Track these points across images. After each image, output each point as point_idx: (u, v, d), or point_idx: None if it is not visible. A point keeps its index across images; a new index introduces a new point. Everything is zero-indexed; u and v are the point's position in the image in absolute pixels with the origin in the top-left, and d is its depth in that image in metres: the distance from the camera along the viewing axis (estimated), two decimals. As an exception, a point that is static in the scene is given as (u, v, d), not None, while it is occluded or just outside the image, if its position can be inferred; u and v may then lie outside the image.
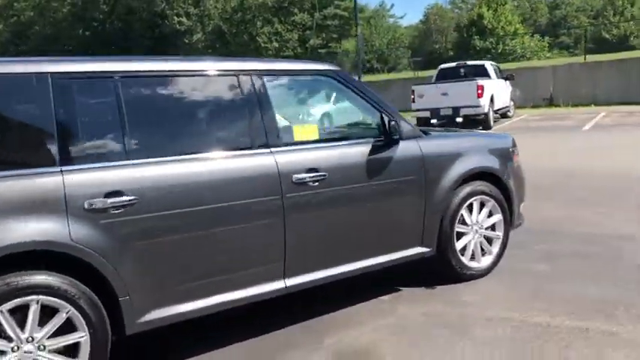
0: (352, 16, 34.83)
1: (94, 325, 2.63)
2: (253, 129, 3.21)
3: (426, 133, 4.15)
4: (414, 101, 15.74)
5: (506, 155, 4.40)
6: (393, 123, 3.59)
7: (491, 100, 15.52)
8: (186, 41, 51.39)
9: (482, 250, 4.26)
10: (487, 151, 4.28)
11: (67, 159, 2.62)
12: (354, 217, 3.53)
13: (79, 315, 2.59)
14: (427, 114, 15.45)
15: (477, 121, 15.38)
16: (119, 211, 2.69)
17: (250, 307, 3.38)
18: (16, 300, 2.45)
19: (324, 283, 3.48)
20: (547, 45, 44.74)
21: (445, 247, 4.00)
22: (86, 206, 2.61)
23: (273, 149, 3.22)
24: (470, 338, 3.25)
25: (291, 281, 3.31)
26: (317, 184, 3.32)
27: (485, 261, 4.26)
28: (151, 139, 2.93)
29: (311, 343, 3.31)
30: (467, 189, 4.07)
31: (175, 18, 49.95)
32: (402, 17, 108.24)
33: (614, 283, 3.95)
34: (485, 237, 4.28)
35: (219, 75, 3.23)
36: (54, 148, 2.60)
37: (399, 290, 4.06)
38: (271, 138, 3.24)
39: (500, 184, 4.28)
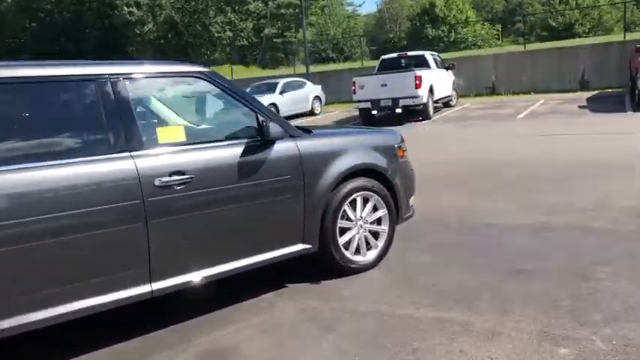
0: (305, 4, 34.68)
1: None
2: (112, 134, 3.21)
3: (309, 132, 4.23)
4: (354, 92, 15.86)
5: (390, 151, 4.52)
6: (266, 124, 3.64)
7: (431, 90, 15.76)
8: (138, 32, 50.40)
9: (367, 244, 4.38)
10: (370, 148, 4.38)
11: None
12: (226, 218, 3.58)
13: None
14: (368, 105, 15.61)
15: (416, 112, 15.62)
16: None
17: (124, 312, 3.40)
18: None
19: (197, 284, 3.53)
20: (497, 33, 45.47)
21: (327, 243, 4.10)
22: None
23: (133, 153, 3.23)
24: (336, 334, 3.36)
25: (158, 285, 3.34)
26: (183, 187, 3.35)
27: (371, 255, 4.39)
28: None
29: (180, 343, 3.36)
30: (349, 186, 4.17)
31: (125, 8, 48.85)
32: (360, 5, 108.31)
33: (486, 273, 4.12)
34: (370, 231, 4.40)
35: (76, 80, 3.21)
36: None
37: (285, 287, 4.15)
38: (132, 142, 3.25)
39: (384, 180, 4.40)
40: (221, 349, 3.28)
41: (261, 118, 3.69)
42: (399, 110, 15.20)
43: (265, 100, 18.30)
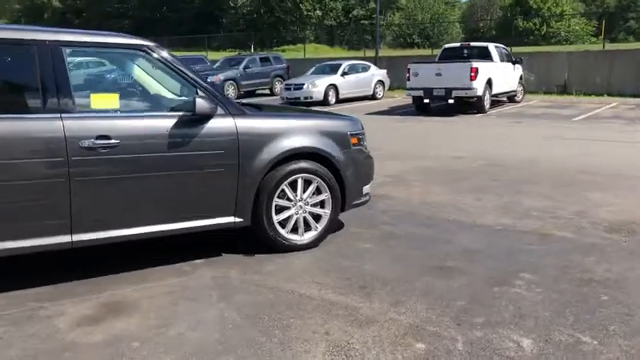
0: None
1: None
2: (46, 95, 3.55)
3: (259, 109, 4.40)
4: (409, 79, 15.69)
5: (341, 138, 4.61)
6: (195, 99, 3.85)
7: (489, 83, 15.31)
8: (232, 4, 51.72)
9: (308, 225, 4.53)
10: (317, 133, 4.50)
11: None
12: (150, 184, 3.84)
13: None
14: (420, 93, 15.41)
15: (470, 104, 15.27)
16: None
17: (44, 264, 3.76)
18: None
19: (117, 241, 3.84)
20: (594, 28, 42.82)
21: (261, 219, 4.29)
22: None
23: (63, 115, 3.56)
24: (228, 302, 3.57)
25: (78, 237, 3.68)
26: (107, 150, 3.65)
27: (308, 235, 4.53)
28: None
29: (89, 293, 3.68)
30: (289, 167, 4.32)
31: (221, -20, 50.26)
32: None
33: (411, 266, 4.16)
34: (312, 214, 4.53)
35: (20, 44, 3.57)
36: None
37: (220, 255, 4.39)
38: (64, 104, 3.57)
39: (330, 165, 4.51)
40: (121, 302, 3.57)
41: (196, 95, 3.91)
42: (451, 101, 14.92)
43: (326, 81, 18.52)
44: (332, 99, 18.57)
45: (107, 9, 62.26)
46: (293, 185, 4.40)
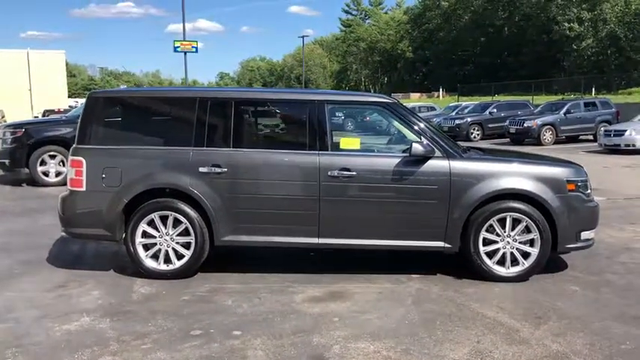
0: None
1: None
2: (310, 139, 5.05)
3: (483, 152, 5.19)
4: None
5: (555, 183, 4.98)
6: (412, 144, 4.89)
7: None
8: (575, 47, 49.76)
9: (515, 260, 5.03)
10: (529, 176, 4.99)
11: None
12: (376, 206, 5.00)
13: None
14: None
15: None
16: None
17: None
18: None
19: (350, 248, 5.11)
20: None
21: (468, 247, 5.01)
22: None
23: (320, 152, 4.99)
24: (417, 306, 4.45)
25: (323, 240, 5.06)
26: (347, 179, 4.96)
27: (515, 269, 5.03)
28: None
29: (326, 283, 5.01)
30: (499, 205, 4.96)
31: (566, 24, 48.86)
32: None
33: (599, 307, 4.30)
34: (520, 250, 5.01)
35: (300, 102, 5.21)
36: None
37: (434, 275, 5.24)
38: (321, 145, 5.01)
39: (541, 207, 4.95)
40: (342, 292, 4.79)
41: (415, 140, 4.94)
42: None
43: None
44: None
45: (452, 57, 66.53)
46: (502, 222, 4.98)
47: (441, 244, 5.04)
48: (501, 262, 5.05)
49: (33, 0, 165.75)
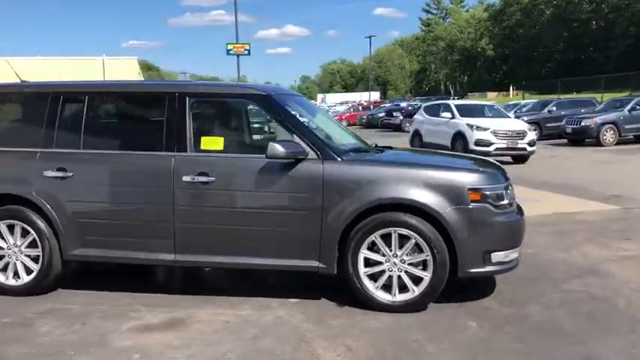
0: None
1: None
2: (167, 138, 4.30)
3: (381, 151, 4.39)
4: None
5: (454, 192, 3.95)
6: (271, 144, 4.03)
7: None
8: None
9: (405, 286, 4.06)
10: (421, 184, 3.98)
11: None
12: (236, 215, 4.20)
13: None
14: None
15: None
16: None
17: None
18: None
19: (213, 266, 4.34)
20: None
21: (346, 268, 4.09)
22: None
23: (175, 154, 4.27)
24: (254, 341, 3.63)
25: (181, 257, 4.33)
26: (205, 185, 4.20)
27: (402, 297, 4.04)
28: None
29: (168, 308, 4.27)
30: (379, 217, 4.02)
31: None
32: None
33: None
34: (409, 273, 4.04)
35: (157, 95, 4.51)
36: None
37: (319, 299, 4.36)
38: (178, 146, 4.28)
39: (436, 222, 3.96)
40: (183, 319, 4.04)
41: (280, 139, 4.10)
42: None
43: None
44: None
45: (533, 54, 63.11)
46: (387, 239, 4.03)
47: (314, 263, 4.15)
48: (388, 288, 4.09)
49: (135, 11, 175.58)
